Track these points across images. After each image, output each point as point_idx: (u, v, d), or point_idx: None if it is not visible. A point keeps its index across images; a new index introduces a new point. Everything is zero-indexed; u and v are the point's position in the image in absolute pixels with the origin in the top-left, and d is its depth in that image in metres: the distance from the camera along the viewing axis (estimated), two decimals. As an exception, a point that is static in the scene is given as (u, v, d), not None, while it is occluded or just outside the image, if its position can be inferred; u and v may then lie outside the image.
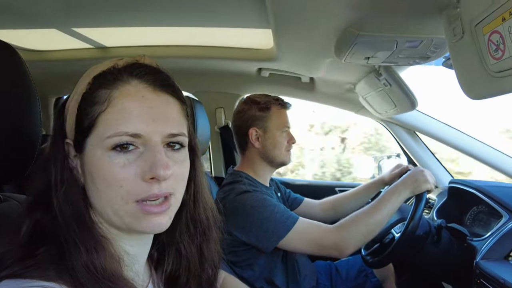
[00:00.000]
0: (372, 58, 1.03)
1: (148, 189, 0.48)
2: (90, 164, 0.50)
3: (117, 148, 0.48)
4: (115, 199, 0.49)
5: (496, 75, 0.60)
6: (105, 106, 0.49)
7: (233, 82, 1.86)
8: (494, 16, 0.55)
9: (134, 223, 0.50)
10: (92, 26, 1.29)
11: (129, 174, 0.48)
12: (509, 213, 1.14)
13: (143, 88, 0.51)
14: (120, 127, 0.48)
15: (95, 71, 0.52)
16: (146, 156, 0.49)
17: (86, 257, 0.47)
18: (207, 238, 0.65)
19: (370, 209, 1.15)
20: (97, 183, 0.49)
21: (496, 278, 0.93)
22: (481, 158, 1.61)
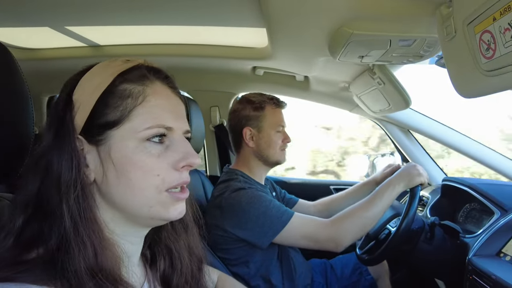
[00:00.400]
0: (366, 56, 1.04)
1: (180, 176, 0.53)
2: (120, 156, 0.50)
3: (155, 139, 0.52)
4: (149, 189, 0.51)
5: (487, 74, 0.61)
6: (140, 101, 0.52)
7: (228, 81, 1.86)
8: (485, 15, 0.56)
9: (163, 211, 0.53)
10: (86, 25, 1.27)
11: (164, 164, 0.52)
12: (501, 210, 1.16)
13: (166, 89, 0.57)
14: (157, 120, 0.52)
15: (112, 67, 0.54)
16: (175, 147, 0.54)
17: (92, 259, 0.47)
18: (191, 233, 0.67)
19: (365, 203, 1.16)
20: (129, 175, 0.50)
21: (488, 274, 0.94)
22: (474, 156, 1.62)
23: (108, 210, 0.53)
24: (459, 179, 1.41)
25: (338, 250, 1.14)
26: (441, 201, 1.50)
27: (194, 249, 0.67)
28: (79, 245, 0.47)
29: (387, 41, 0.92)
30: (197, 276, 0.67)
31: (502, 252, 1.02)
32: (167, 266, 0.63)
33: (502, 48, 0.54)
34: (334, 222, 1.14)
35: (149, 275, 0.62)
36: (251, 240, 1.15)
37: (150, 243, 0.64)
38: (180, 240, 0.64)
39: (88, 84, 0.52)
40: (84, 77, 0.53)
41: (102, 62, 0.55)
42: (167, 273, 0.63)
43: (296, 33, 1.05)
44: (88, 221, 0.49)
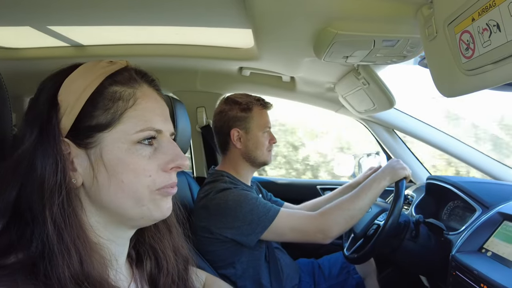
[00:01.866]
0: (350, 57, 1.05)
1: (169, 177, 0.55)
2: (112, 158, 0.50)
3: (145, 141, 0.53)
4: (141, 189, 0.52)
5: (467, 73, 0.62)
6: (131, 104, 0.52)
7: (214, 81, 1.85)
8: (464, 16, 0.57)
9: (155, 210, 0.54)
10: (68, 24, 1.25)
11: (154, 165, 0.53)
12: (482, 207, 1.18)
13: (153, 92, 0.57)
14: (148, 123, 0.53)
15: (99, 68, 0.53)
16: (164, 149, 0.54)
17: (77, 267, 0.46)
18: (175, 233, 0.67)
19: (351, 196, 1.18)
20: (121, 176, 0.51)
21: (470, 269, 0.96)
22: (456, 155, 1.66)
23: (96, 213, 0.52)
24: (443, 178, 1.44)
25: (326, 241, 1.15)
26: (425, 199, 1.53)
27: (180, 249, 0.67)
28: (63, 253, 0.45)
29: (371, 41, 0.93)
30: (184, 276, 0.67)
31: (484, 248, 1.04)
32: (153, 266, 0.63)
33: (481, 48, 0.55)
34: (322, 214, 1.16)
35: (135, 275, 0.62)
36: (239, 238, 1.15)
37: (135, 244, 0.63)
38: (164, 240, 0.64)
39: (75, 85, 0.51)
40: (69, 78, 0.52)
41: (87, 63, 0.55)
42: (153, 273, 0.63)
43: (281, 34, 1.06)
44: (73, 227, 0.47)
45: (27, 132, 0.49)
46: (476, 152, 1.63)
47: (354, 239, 1.34)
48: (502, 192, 1.24)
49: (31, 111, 0.51)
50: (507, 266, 0.94)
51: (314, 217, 1.16)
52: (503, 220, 1.06)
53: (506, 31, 0.49)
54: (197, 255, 1.11)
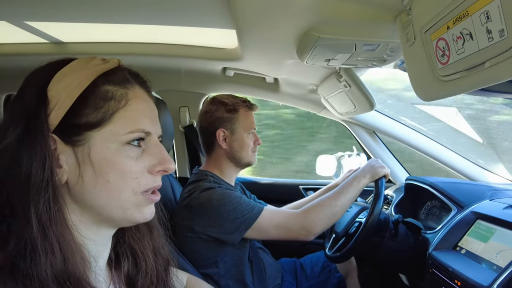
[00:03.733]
0: (332, 60, 1.07)
1: (155, 180, 0.55)
2: (100, 157, 0.50)
3: (134, 142, 0.52)
4: (125, 191, 0.52)
5: (443, 78, 0.64)
6: (123, 104, 0.52)
7: (198, 81, 1.84)
8: (440, 24, 0.59)
9: (135, 212, 0.54)
10: (47, 20, 1.21)
11: (140, 167, 0.53)
12: (458, 207, 1.23)
13: (144, 93, 0.57)
14: (138, 125, 0.53)
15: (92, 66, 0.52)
16: (151, 152, 0.54)
17: (60, 265, 0.45)
18: (156, 234, 0.66)
19: (333, 194, 1.22)
20: (107, 176, 0.50)
21: (446, 267, 1.00)
22: (434, 156, 1.71)
23: (78, 212, 0.52)
24: (421, 178, 1.49)
25: (309, 238, 1.17)
26: (404, 199, 1.57)
27: (160, 250, 0.66)
28: (46, 251, 0.45)
29: (352, 45, 0.95)
30: (163, 277, 0.66)
31: (458, 246, 1.08)
32: (131, 267, 0.63)
33: (455, 55, 0.58)
34: (305, 212, 1.18)
35: (114, 277, 0.61)
36: (223, 237, 1.15)
37: (115, 245, 0.63)
38: (144, 241, 0.64)
39: (66, 80, 0.50)
40: (61, 73, 0.51)
41: (79, 59, 0.54)
42: (131, 273, 0.62)
43: (265, 35, 1.06)
44: (57, 225, 0.47)
45: (10, 126, 0.48)
46: (452, 153, 1.69)
47: (336, 238, 1.37)
48: (476, 192, 1.29)
49: (16, 105, 0.50)
50: (478, 263, 0.98)
51: (297, 214, 1.18)
52: (476, 219, 1.10)
53: (478, 40, 0.52)
54: (179, 255, 1.10)
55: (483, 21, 0.50)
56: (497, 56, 0.49)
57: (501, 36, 0.47)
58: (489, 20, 0.49)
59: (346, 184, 1.24)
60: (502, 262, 0.90)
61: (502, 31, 0.47)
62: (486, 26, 0.49)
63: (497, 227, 1.02)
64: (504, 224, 1.00)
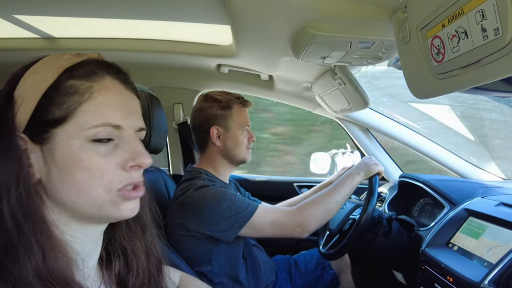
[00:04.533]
0: (327, 57, 1.07)
1: (129, 176, 0.52)
2: (65, 155, 0.48)
3: (100, 138, 0.49)
4: (96, 189, 0.49)
5: (438, 76, 0.65)
6: (86, 98, 0.49)
7: (192, 78, 1.82)
8: (435, 22, 0.60)
9: (113, 210, 0.51)
10: (37, 14, 1.19)
11: (110, 164, 0.50)
12: (450, 204, 1.24)
13: (117, 84, 0.54)
14: (104, 118, 0.49)
15: (60, 61, 0.51)
16: (124, 147, 0.52)
17: (40, 262, 0.44)
18: (149, 233, 0.65)
19: (327, 191, 1.23)
20: (75, 174, 0.48)
21: (438, 263, 1.01)
22: (427, 153, 1.73)
23: (55, 211, 0.51)
24: (414, 176, 1.50)
25: (304, 235, 1.17)
26: (398, 196, 1.59)
27: (152, 250, 0.65)
28: (24, 247, 0.44)
29: (347, 42, 0.95)
30: (155, 278, 0.65)
31: (451, 243, 1.10)
32: (122, 266, 0.61)
33: (450, 53, 0.58)
34: (300, 209, 1.19)
35: (105, 277, 0.60)
36: (217, 235, 1.15)
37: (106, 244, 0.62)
38: (136, 240, 0.63)
39: (32, 79, 0.49)
40: (28, 72, 0.50)
41: (49, 56, 0.52)
42: (122, 273, 0.61)
43: (260, 32, 1.06)
44: (34, 222, 0.46)
45: None
46: (445, 151, 1.70)
47: (330, 235, 1.37)
48: (468, 190, 1.30)
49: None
50: (470, 259, 0.99)
51: (292, 211, 1.19)
52: (468, 216, 1.12)
53: (473, 38, 0.52)
54: (173, 253, 1.10)
55: (478, 19, 0.50)
56: (491, 55, 0.50)
57: (496, 34, 0.48)
58: (484, 19, 0.49)
59: (340, 181, 1.25)
60: (493, 259, 0.92)
61: (497, 30, 0.47)
62: (481, 25, 0.50)
63: (489, 224, 1.03)
64: (495, 221, 1.02)
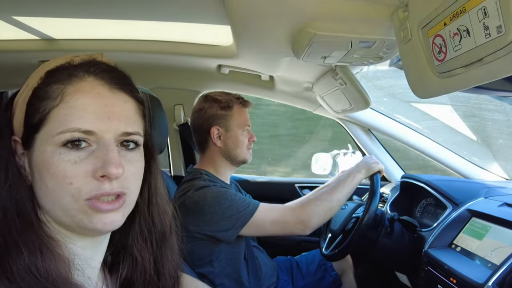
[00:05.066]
0: (328, 57, 1.06)
1: (99, 186, 0.47)
2: (39, 161, 0.48)
3: (69, 144, 0.47)
4: (64, 198, 0.47)
5: (440, 75, 0.64)
6: (58, 102, 0.47)
7: (193, 79, 1.82)
8: (437, 20, 0.59)
9: (85, 220, 0.48)
10: (37, 15, 1.19)
11: (80, 172, 0.47)
12: (453, 205, 1.23)
13: (99, 85, 0.50)
14: (72, 123, 0.47)
15: (48, 66, 0.51)
16: (98, 154, 0.47)
17: (28, 259, 0.44)
18: (164, 245, 0.62)
19: (329, 189, 1.23)
20: (46, 181, 0.47)
21: (441, 264, 1.00)
22: (429, 154, 1.72)
23: (45, 214, 0.50)
24: (416, 176, 1.49)
25: (306, 232, 1.17)
26: (400, 197, 1.57)
27: (166, 265, 0.62)
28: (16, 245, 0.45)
29: (348, 42, 0.94)
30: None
31: (454, 244, 1.09)
32: (129, 275, 0.59)
33: (452, 52, 0.57)
34: (301, 206, 1.19)
35: (107, 280, 0.59)
36: (218, 235, 1.14)
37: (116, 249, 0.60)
38: (147, 251, 0.60)
39: (26, 85, 0.51)
40: (29, 78, 0.52)
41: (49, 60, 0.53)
42: (128, 282, 0.60)
43: (260, 32, 1.05)
44: (24, 221, 0.47)
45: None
46: (448, 151, 1.69)
47: (332, 237, 1.37)
48: (471, 190, 1.29)
49: None
50: (474, 260, 0.98)
51: (294, 208, 1.19)
52: (471, 216, 1.11)
53: (475, 36, 0.51)
54: None
55: (480, 17, 0.49)
56: (494, 53, 0.49)
57: (498, 32, 0.47)
58: (487, 16, 0.48)
59: (342, 179, 1.25)
60: (497, 259, 0.91)
61: (500, 27, 0.46)
62: (483, 22, 0.49)
63: (492, 224, 1.02)
64: (499, 222, 1.01)
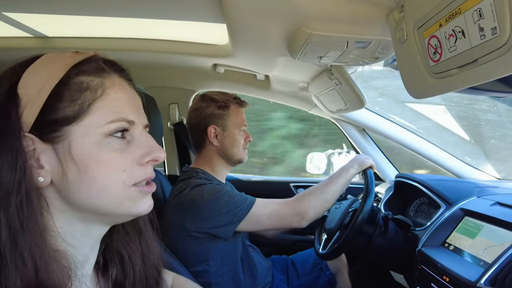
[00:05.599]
0: (324, 57, 1.06)
1: (145, 172, 0.52)
2: (81, 153, 0.47)
3: (117, 134, 0.49)
4: (115, 185, 0.49)
5: (435, 76, 0.64)
6: (100, 94, 0.49)
7: (188, 78, 1.82)
8: (432, 21, 0.59)
9: (131, 206, 0.51)
10: (29, 12, 1.17)
11: (128, 159, 0.50)
12: (446, 204, 1.24)
13: (123, 81, 0.54)
14: (119, 114, 0.50)
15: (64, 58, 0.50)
16: (138, 142, 0.52)
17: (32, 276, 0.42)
18: (144, 238, 0.64)
19: (324, 183, 1.26)
20: (93, 172, 0.47)
21: (434, 263, 1.01)
22: (423, 154, 1.73)
23: (67, 213, 0.49)
24: (410, 176, 1.50)
25: (303, 224, 1.19)
26: (394, 196, 1.59)
27: (149, 256, 0.64)
28: (16, 261, 0.42)
29: (344, 42, 0.94)
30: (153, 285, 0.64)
31: (447, 242, 1.10)
32: (118, 273, 0.60)
33: (447, 53, 0.58)
34: (298, 198, 1.21)
35: (100, 284, 0.59)
36: (215, 231, 1.14)
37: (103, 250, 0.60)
38: (133, 245, 0.61)
39: (36, 77, 0.47)
40: (30, 69, 0.48)
41: (49, 53, 0.51)
42: (119, 280, 0.60)
43: (256, 31, 1.05)
44: (30, 232, 0.44)
45: None
46: (441, 151, 1.71)
47: (329, 236, 1.37)
48: (464, 189, 1.30)
49: None
50: (466, 258, 0.99)
51: (290, 201, 1.21)
52: (464, 215, 1.12)
53: (470, 38, 0.52)
54: (169, 255, 1.08)
55: (476, 18, 0.50)
56: (489, 54, 0.50)
57: (493, 33, 0.47)
58: (482, 18, 0.49)
59: (336, 174, 1.29)
60: (489, 258, 0.92)
61: (495, 29, 0.47)
62: (478, 24, 0.50)
63: (484, 223, 1.03)
64: (491, 221, 1.02)
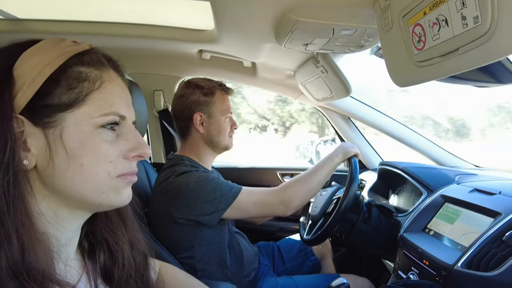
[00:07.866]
0: (310, 44, 1.06)
1: (130, 166, 0.54)
2: (73, 140, 0.48)
3: (108, 126, 0.51)
4: (100, 175, 0.50)
5: (419, 64, 0.65)
6: (97, 86, 0.51)
7: (173, 64, 1.78)
8: (417, 10, 0.60)
9: (113, 196, 0.53)
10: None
11: (115, 151, 0.52)
12: (428, 191, 1.28)
13: (118, 77, 0.56)
14: (113, 108, 0.52)
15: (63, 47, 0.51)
16: (126, 136, 0.54)
17: (17, 257, 0.43)
18: (131, 226, 0.65)
19: (309, 171, 1.27)
20: (81, 159, 0.49)
21: (415, 247, 1.04)
22: (405, 141, 1.77)
23: (48, 198, 0.49)
24: (393, 163, 1.53)
25: (287, 213, 1.20)
26: (378, 183, 1.62)
27: (136, 243, 0.65)
28: (2, 240, 0.42)
29: (330, 29, 0.94)
30: (141, 270, 0.65)
31: (427, 228, 1.13)
32: (107, 258, 0.61)
33: (431, 41, 0.58)
34: (283, 187, 1.22)
35: (88, 267, 0.59)
36: (201, 218, 1.14)
37: (87, 234, 0.61)
38: (118, 232, 0.62)
39: (34, 60, 0.48)
40: (28, 52, 0.49)
41: (48, 39, 0.52)
42: (107, 265, 0.61)
43: (242, 17, 1.04)
44: (17, 212, 0.44)
45: None
46: (424, 139, 1.74)
47: (313, 223, 1.39)
48: (444, 177, 1.34)
49: None
50: (445, 243, 1.02)
51: (276, 190, 1.22)
52: (444, 202, 1.15)
53: (453, 26, 0.52)
54: (155, 242, 1.08)
55: (459, 7, 0.50)
56: (471, 43, 0.50)
57: (475, 22, 0.48)
58: (464, 7, 0.49)
59: (320, 162, 1.29)
60: (466, 242, 0.95)
61: (477, 18, 0.48)
62: (461, 13, 0.50)
63: (463, 209, 1.07)
64: (469, 206, 1.05)
